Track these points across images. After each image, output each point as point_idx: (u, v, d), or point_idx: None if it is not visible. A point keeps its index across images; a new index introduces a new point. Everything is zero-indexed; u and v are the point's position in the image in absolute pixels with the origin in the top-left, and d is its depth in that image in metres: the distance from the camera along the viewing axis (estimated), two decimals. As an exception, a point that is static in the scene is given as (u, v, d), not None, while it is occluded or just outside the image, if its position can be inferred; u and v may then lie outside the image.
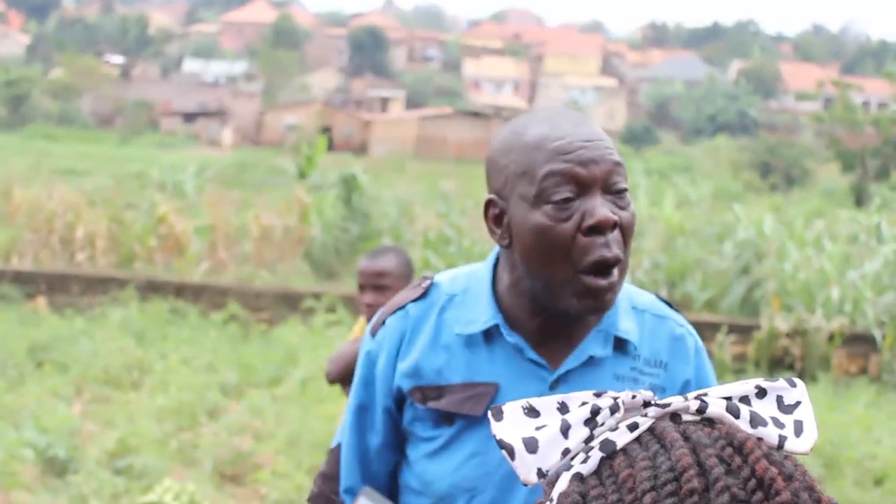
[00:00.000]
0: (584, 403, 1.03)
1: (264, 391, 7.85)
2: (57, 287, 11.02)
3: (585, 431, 1.01)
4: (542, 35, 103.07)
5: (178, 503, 5.42)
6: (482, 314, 1.77)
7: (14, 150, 34.12)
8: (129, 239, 13.23)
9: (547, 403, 1.05)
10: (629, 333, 1.78)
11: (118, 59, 77.90)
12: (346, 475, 1.91)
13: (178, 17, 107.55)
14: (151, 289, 10.80)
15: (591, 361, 1.75)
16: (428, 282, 1.87)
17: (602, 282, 1.64)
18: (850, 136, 37.85)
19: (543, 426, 1.02)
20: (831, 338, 10.02)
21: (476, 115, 54.54)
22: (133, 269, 12.52)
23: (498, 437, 1.03)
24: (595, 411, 1.02)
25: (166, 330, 9.69)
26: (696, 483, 0.82)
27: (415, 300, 1.84)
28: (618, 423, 1.00)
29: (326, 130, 48.59)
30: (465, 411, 1.76)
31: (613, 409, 1.02)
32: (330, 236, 14.49)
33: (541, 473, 1.02)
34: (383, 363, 1.83)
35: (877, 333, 10.06)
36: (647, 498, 0.82)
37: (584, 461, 0.95)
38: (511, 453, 1.02)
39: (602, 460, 0.93)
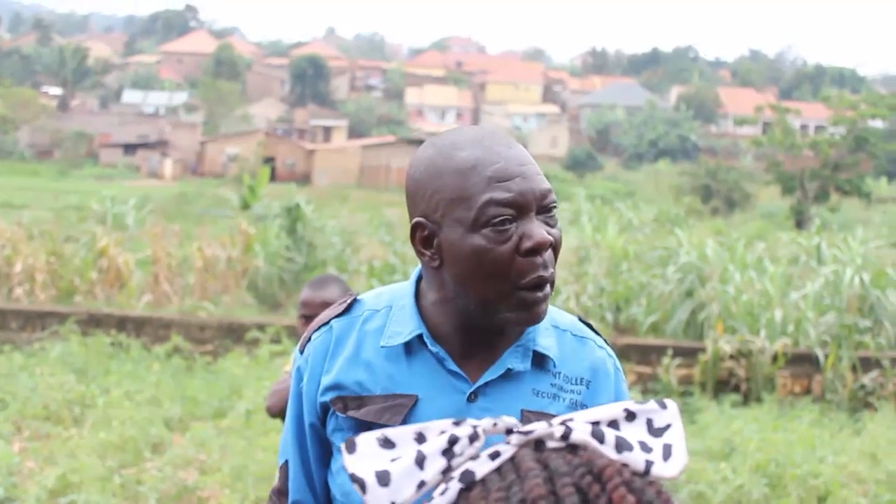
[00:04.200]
0: (442, 432, 1.00)
1: (209, 424, 7.76)
2: (-5, 322, 10.82)
3: (442, 462, 0.98)
4: (484, 63, 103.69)
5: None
6: (406, 326, 1.80)
7: (-50, 184, 33.59)
8: (69, 272, 13.05)
9: (403, 434, 1.02)
10: (548, 349, 1.80)
11: (56, 91, 77.14)
12: (294, 489, 1.92)
13: (117, 48, 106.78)
14: (92, 323, 10.64)
15: (509, 375, 1.77)
16: (351, 298, 1.90)
17: (539, 294, 1.69)
18: (790, 159, 38.43)
19: (398, 458, 0.99)
20: (775, 359, 10.12)
21: (419, 143, 54.49)
22: (73, 303, 12.34)
23: (350, 471, 1.00)
24: (453, 441, 0.99)
25: (108, 364, 9.55)
26: None
27: (338, 315, 1.88)
28: (479, 451, 0.97)
29: (269, 161, 48.44)
30: (382, 421, 1.77)
31: (473, 438, 0.99)
32: (274, 267, 14.41)
33: None
34: (308, 379, 1.86)
35: (819, 353, 10.18)
36: None
37: (443, 493, 0.92)
38: (362, 487, 0.99)
39: (461, 492, 0.90)
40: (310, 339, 1.90)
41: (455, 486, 0.91)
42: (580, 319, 1.93)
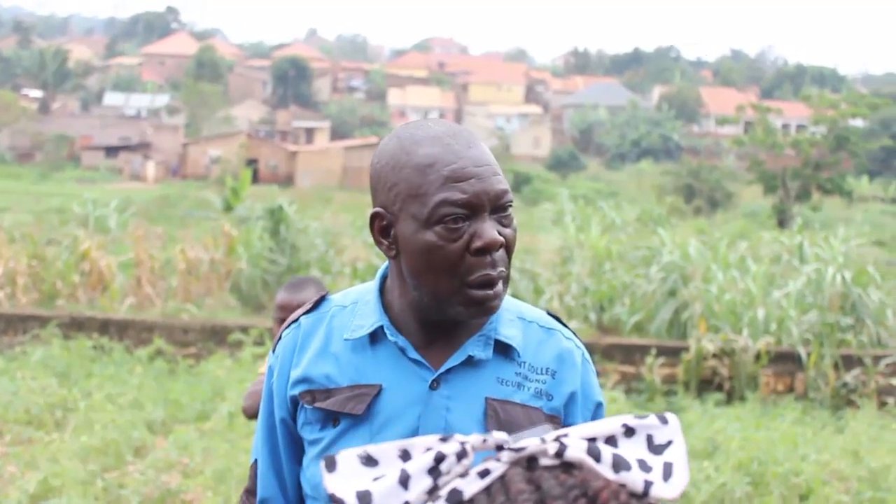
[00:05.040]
0: (428, 450, 0.95)
1: (191, 427, 7.73)
2: (-24, 327, 10.76)
3: (428, 482, 0.94)
4: (466, 64, 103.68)
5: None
6: (368, 319, 1.85)
7: (-69, 187, 33.39)
8: (51, 276, 12.99)
9: (387, 451, 0.97)
10: (512, 339, 1.83)
11: (37, 93, 76.78)
12: (262, 486, 1.95)
13: (98, 50, 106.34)
14: (75, 326, 10.59)
15: (471, 362, 1.80)
16: (320, 296, 1.95)
17: (488, 292, 1.73)
18: (771, 158, 38.55)
19: (380, 477, 0.94)
20: (758, 357, 10.14)
21: (402, 144, 54.41)
22: (55, 306, 12.28)
23: (329, 491, 0.95)
24: (439, 459, 0.94)
25: (90, 367, 9.50)
26: None
27: (307, 312, 1.93)
28: (467, 469, 0.92)
29: (252, 163, 48.34)
30: (347, 410, 1.81)
31: (461, 455, 0.94)
32: (257, 269, 14.37)
33: None
34: (278, 375, 1.90)
35: (802, 351, 10.21)
36: None
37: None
38: None
39: None
40: (281, 337, 1.94)
41: None
42: (548, 313, 1.95)
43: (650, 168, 55.38)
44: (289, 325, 1.93)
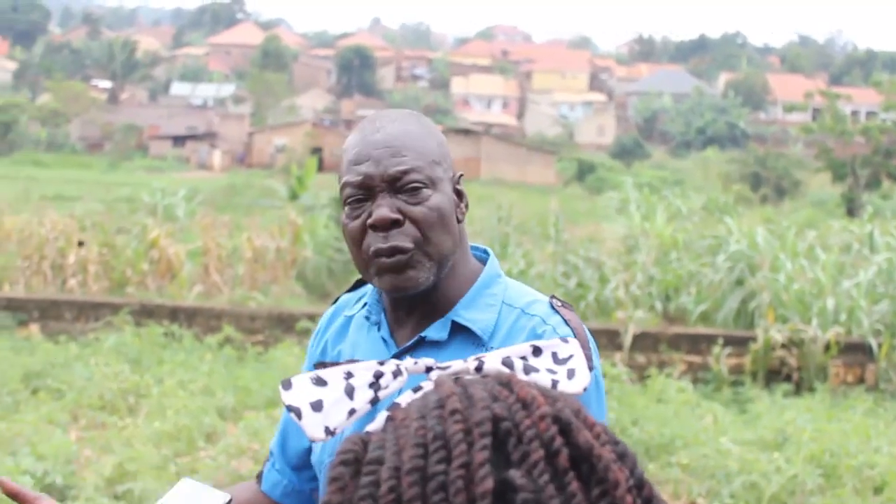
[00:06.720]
0: (368, 370, 1.17)
1: (261, 413, 7.82)
2: (50, 314, 10.98)
3: (370, 393, 1.16)
4: (529, 52, 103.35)
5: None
6: (366, 298, 1.97)
7: (2, 176, 34.09)
8: (121, 264, 13.19)
9: (334, 373, 1.18)
10: (473, 322, 1.82)
11: (106, 84, 77.91)
12: (274, 439, 2.11)
13: (166, 41, 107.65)
14: (145, 313, 10.76)
15: (423, 343, 1.83)
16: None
17: (388, 260, 1.78)
18: (840, 145, 37.91)
19: (330, 391, 1.15)
20: (827, 348, 10.01)
21: (466, 132, 54.46)
22: (126, 294, 12.47)
23: (286, 403, 1.16)
24: (378, 375, 1.17)
25: (161, 354, 9.65)
26: (458, 404, 0.82)
27: (349, 290, 2.06)
28: (402, 386, 1.12)
29: (316, 151, 48.52)
30: None
31: (396, 374, 1.18)
32: (323, 257, 14.46)
33: (328, 431, 1.16)
34: (311, 345, 2.06)
35: (873, 342, 10.06)
36: (415, 424, 0.83)
37: (372, 422, 0.99)
38: (298, 414, 1.16)
39: (387, 419, 0.95)
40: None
41: (383, 414, 0.95)
42: (551, 300, 1.88)
43: (716, 156, 54.73)
44: (334, 302, 2.07)
